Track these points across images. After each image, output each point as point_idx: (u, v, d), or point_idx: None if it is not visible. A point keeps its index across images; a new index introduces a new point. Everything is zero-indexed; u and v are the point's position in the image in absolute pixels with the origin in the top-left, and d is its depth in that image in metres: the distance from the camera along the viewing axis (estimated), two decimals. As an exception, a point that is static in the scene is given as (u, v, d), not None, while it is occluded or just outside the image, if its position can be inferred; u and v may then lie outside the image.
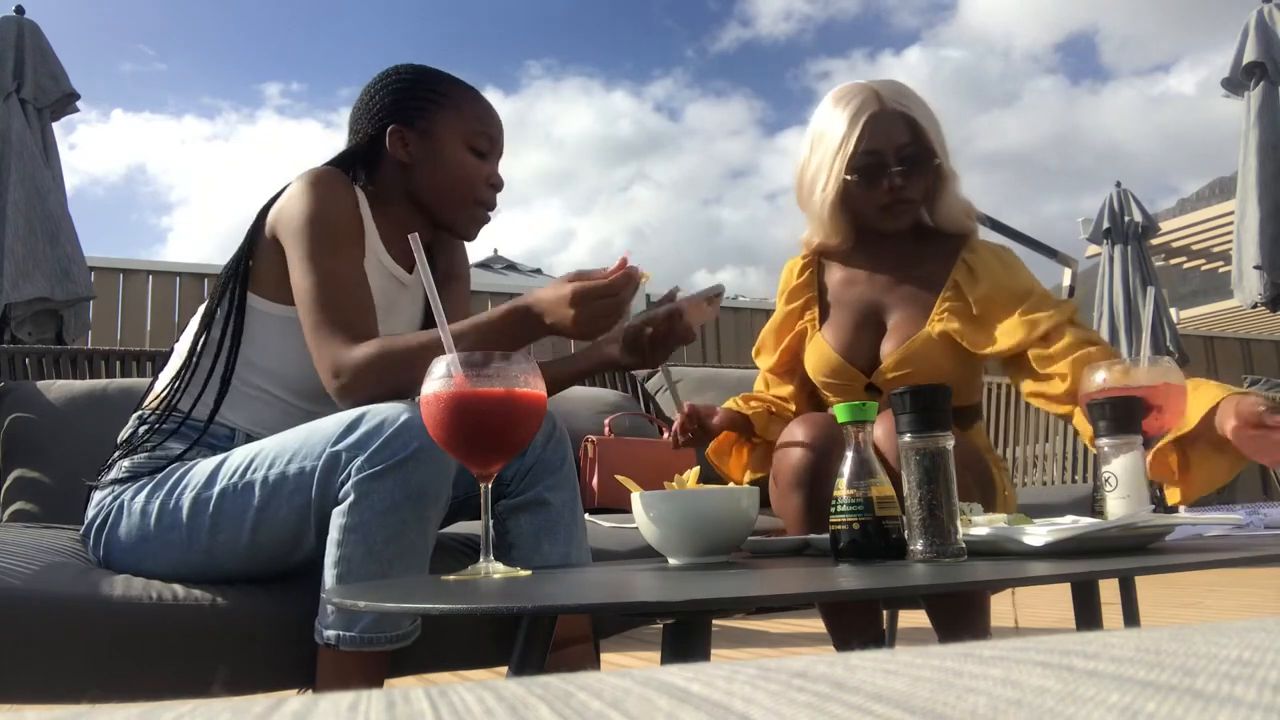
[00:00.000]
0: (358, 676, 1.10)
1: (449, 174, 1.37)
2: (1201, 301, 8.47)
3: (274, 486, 1.13)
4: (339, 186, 1.31)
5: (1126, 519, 0.91)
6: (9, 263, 3.12)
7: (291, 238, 1.27)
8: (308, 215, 1.26)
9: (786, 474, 1.44)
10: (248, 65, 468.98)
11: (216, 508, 1.15)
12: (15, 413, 1.81)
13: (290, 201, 1.29)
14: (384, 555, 1.08)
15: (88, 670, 1.09)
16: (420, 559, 1.11)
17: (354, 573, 1.08)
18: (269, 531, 1.14)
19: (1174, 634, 0.26)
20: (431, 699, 0.23)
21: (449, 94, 1.39)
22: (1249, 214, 4.12)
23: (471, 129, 1.38)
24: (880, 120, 1.54)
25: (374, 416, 1.10)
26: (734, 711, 0.20)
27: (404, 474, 1.07)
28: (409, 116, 1.37)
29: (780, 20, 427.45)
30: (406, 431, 1.08)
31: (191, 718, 0.21)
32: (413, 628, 1.14)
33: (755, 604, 0.69)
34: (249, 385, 1.30)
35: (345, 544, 1.08)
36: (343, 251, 1.27)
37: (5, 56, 3.31)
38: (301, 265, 1.25)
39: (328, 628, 1.11)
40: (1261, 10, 4.18)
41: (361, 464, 1.07)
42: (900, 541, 0.94)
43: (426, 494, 1.09)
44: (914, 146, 1.54)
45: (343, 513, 1.09)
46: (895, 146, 1.54)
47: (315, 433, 1.13)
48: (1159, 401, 1.15)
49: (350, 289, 1.25)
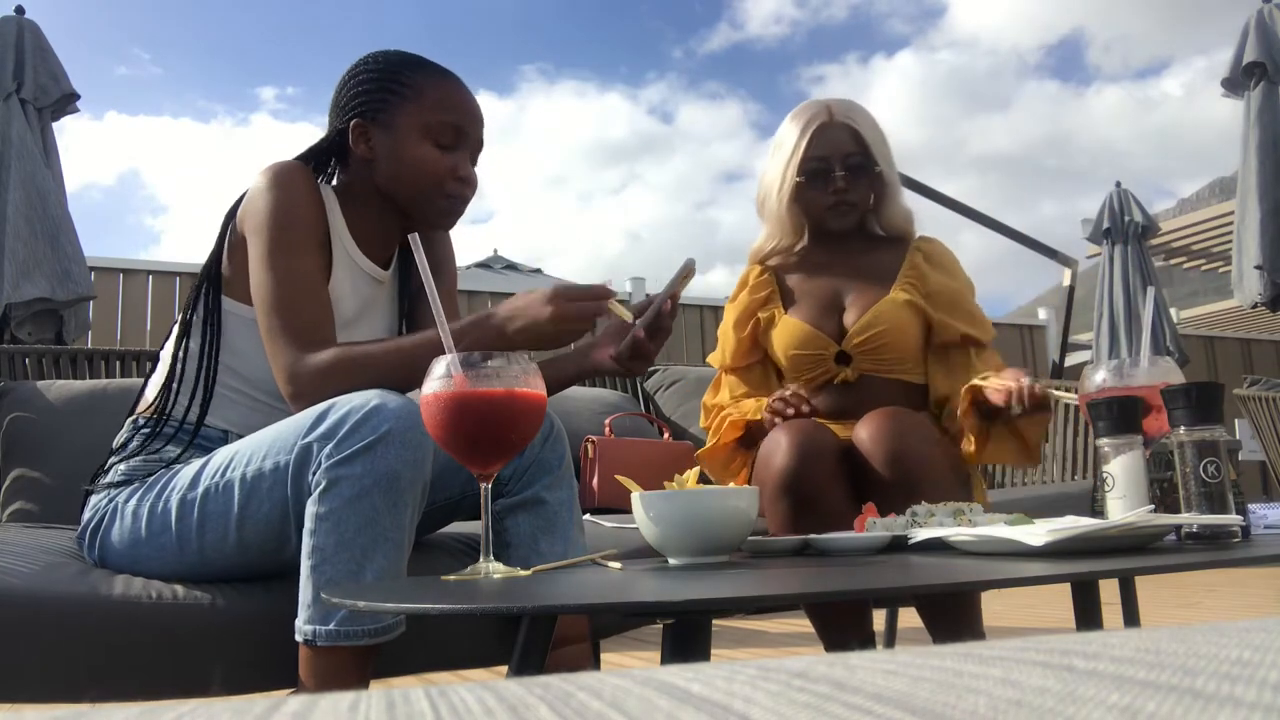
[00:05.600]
0: (338, 673, 1.08)
1: (410, 169, 1.32)
2: (1201, 301, 8.47)
3: (253, 484, 1.12)
4: (300, 183, 1.28)
5: (1126, 519, 0.91)
6: (9, 263, 3.12)
7: (253, 235, 1.25)
8: (268, 212, 1.24)
9: (773, 480, 1.46)
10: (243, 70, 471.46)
11: (201, 508, 1.15)
12: (15, 413, 1.81)
13: (252, 199, 1.27)
14: (356, 544, 1.06)
15: (88, 670, 1.09)
16: (396, 549, 1.09)
17: (328, 562, 1.06)
18: (253, 529, 1.14)
19: (1174, 634, 0.26)
20: (431, 699, 0.23)
21: (412, 84, 1.33)
22: (1249, 214, 4.12)
23: (434, 120, 1.32)
24: (828, 130, 1.74)
25: (342, 405, 1.08)
26: (734, 711, 0.20)
27: (372, 459, 1.05)
28: (371, 110, 1.33)
29: (771, 23, 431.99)
30: (375, 416, 1.06)
31: (191, 718, 0.21)
32: (394, 621, 1.12)
33: (755, 604, 0.69)
34: (230, 389, 1.30)
35: (317, 533, 1.07)
36: (301, 253, 1.24)
37: (5, 57, 3.30)
38: (260, 265, 1.23)
39: (305, 623, 1.09)
40: (1261, 10, 4.18)
41: (330, 451, 1.06)
42: None
43: (398, 479, 1.07)
44: (859, 156, 1.74)
45: (314, 502, 1.07)
46: (841, 154, 1.74)
47: (287, 427, 1.12)
48: (1159, 401, 1.15)
49: (307, 292, 1.23)
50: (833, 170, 1.73)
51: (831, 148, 1.73)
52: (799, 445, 1.45)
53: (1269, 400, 3.54)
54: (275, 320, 1.20)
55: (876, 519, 1.17)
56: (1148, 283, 5.39)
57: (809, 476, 1.44)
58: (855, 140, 1.74)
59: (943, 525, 1.09)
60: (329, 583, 1.06)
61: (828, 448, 1.48)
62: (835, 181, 1.72)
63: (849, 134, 1.74)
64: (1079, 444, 3.12)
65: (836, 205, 1.74)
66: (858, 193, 1.75)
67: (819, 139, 1.73)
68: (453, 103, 1.34)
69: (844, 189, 1.73)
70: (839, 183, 1.72)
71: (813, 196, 1.75)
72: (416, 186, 1.33)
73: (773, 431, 1.51)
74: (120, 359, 2.19)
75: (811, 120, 1.75)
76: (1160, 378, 1.21)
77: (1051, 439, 3.19)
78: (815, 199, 1.75)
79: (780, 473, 1.45)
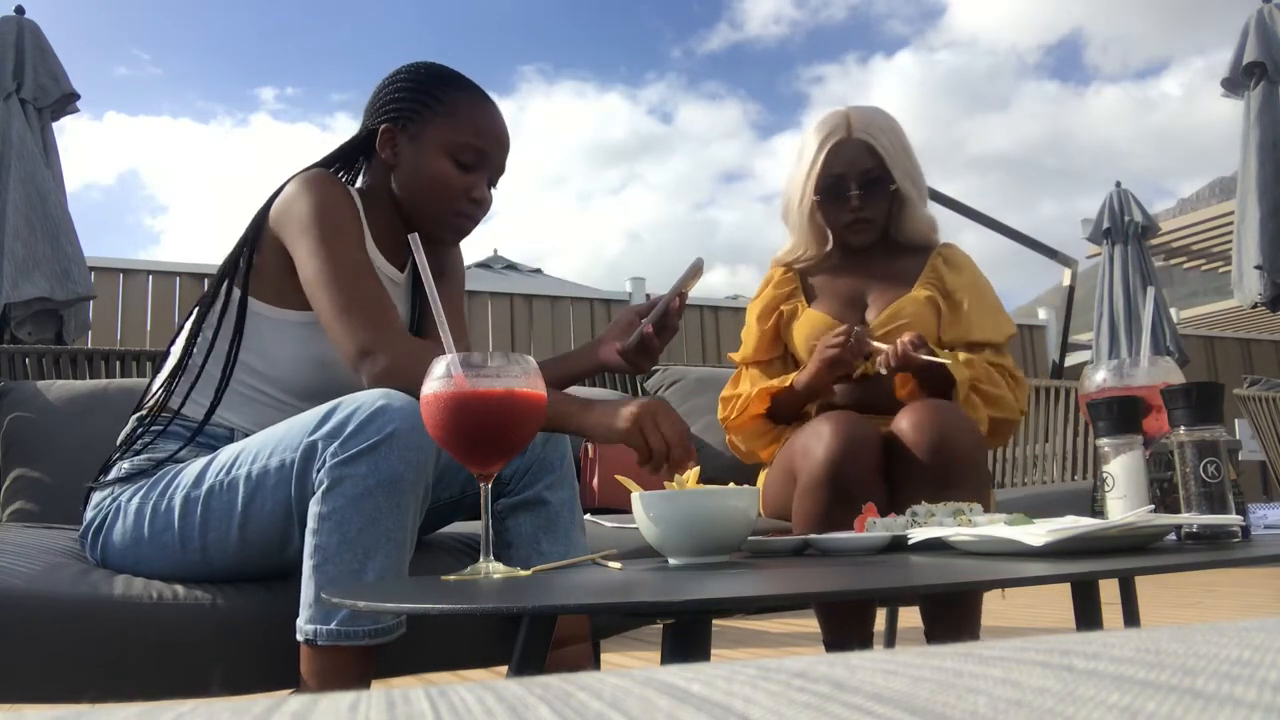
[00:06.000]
0: (339, 673, 1.08)
1: (426, 182, 1.33)
2: (1201, 301, 8.47)
3: (257, 481, 1.12)
4: (336, 187, 1.30)
5: (1126, 519, 0.91)
6: (9, 263, 3.12)
7: (299, 232, 1.25)
8: (313, 209, 1.25)
9: (812, 470, 1.44)
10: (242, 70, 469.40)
11: (205, 506, 1.15)
12: (15, 413, 1.81)
13: (291, 201, 1.28)
14: (359, 544, 1.06)
15: (88, 670, 1.09)
16: (398, 549, 1.09)
17: (330, 562, 1.06)
18: (257, 527, 1.14)
19: (1174, 634, 0.26)
20: (431, 699, 0.23)
21: (447, 101, 1.35)
22: (1249, 214, 4.11)
23: (460, 140, 1.33)
24: (844, 147, 1.74)
25: (348, 405, 1.09)
26: (734, 711, 0.20)
27: (376, 459, 1.05)
28: (403, 118, 1.35)
29: (770, 23, 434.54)
30: (380, 417, 1.06)
31: (192, 717, 0.21)
32: (395, 622, 1.12)
33: (755, 604, 0.69)
34: (247, 386, 1.30)
35: (320, 532, 1.07)
36: (353, 243, 1.26)
37: (5, 57, 3.30)
38: (313, 254, 1.23)
39: (305, 622, 1.09)
40: (1261, 10, 4.17)
41: (335, 450, 1.06)
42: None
43: (401, 481, 1.07)
44: (876, 172, 1.74)
45: (318, 501, 1.07)
46: (858, 172, 1.74)
47: (294, 425, 1.12)
48: (1159, 401, 1.15)
49: (367, 274, 1.24)
50: (849, 188, 1.74)
51: (848, 165, 1.74)
52: (844, 435, 1.43)
53: (1269, 400, 3.54)
54: (339, 299, 1.19)
55: (876, 519, 1.17)
56: (1148, 283, 5.39)
57: (851, 468, 1.43)
58: (872, 156, 1.74)
59: (942, 525, 1.09)
60: (330, 582, 1.06)
61: (870, 440, 1.47)
62: (851, 200, 1.74)
63: (865, 150, 1.74)
64: (1079, 444, 3.12)
65: (854, 223, 1.76)
66: (874, 210, 1.76)
67: (836, 156, 1.74)
68: (482, 127, 1.36)
69: (859, 208, 1.74)
70: (854, 201, 1.74)
71: (830, 212, 1.77)
72: (429, 200, 1.35)
73: (814, 421, 1.51)
74: (120, 359, 2.19)
75: (829, 136, 1.75)
76: (1160, 378, 1.21)
77: (1051, 439, 3.19)
78: (833, 215, 1.77)
79: (822, 463, 1.43)
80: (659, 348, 1.31)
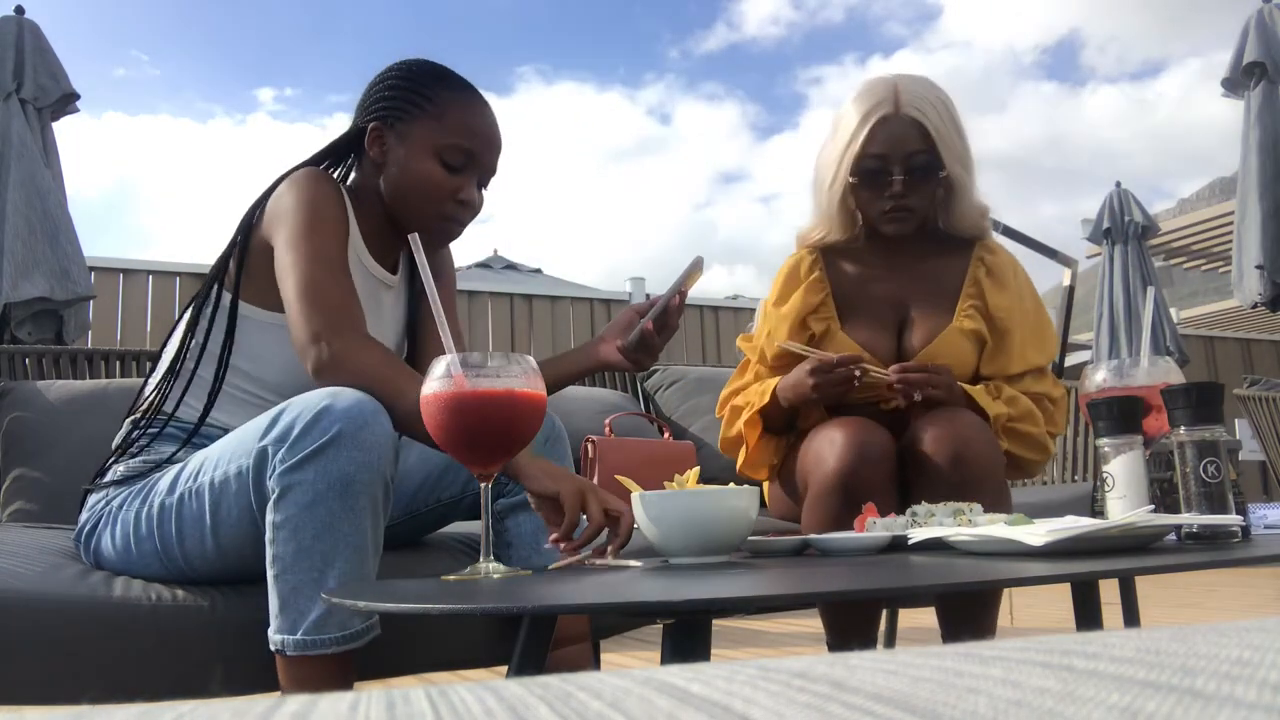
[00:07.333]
0: (315, 681, 1.05)
1: (413, 182, 1.30)
2: (1201, 301, 8.47)
3: (220, 489, 1.10)
4: (326, 184, 1.28)
5: (1126, 519, 0.91)
6: (9, 263, 3.12)
7: (280, 226, 1.23)
8: (297, 204, 1.23)
9: (824, 478, 1.39)
10: (241, 71, 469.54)
11: (178, 515, 1.14)
12: (15, 413, 1.81)
13: (279, 198, 1.26)
14: (315, 551, 1.03)
15: (88, 670, 1.09)
16: (357, 554, 1.05)
17: (289, 571, 1.04)
18: (228, 534, 1.12)
19: (1174, 634, 0.26)
20: (431, 699, 0.23)
21: (437, 100, 1.31)
22: (1249, 214, 4.11)
23: (447, 141, 1.30)
24: (890, 124, 1.52)
25: (294, 407, 1.05)
26: (734, 711, 0.20)
27: (324, 462, 1.02)
28: (392, 116, 1.32)
29: (768, 25, 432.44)
30: (325, 418, 1.02)
31: (192, 718, 0.21)
32: (365, 627, 1.08)
33: (755, 604, 0.69)
34: (240, 389, 1.28)
35: (276, 541, 1.04)
36: (329, 239, 1.23)
37: (5, 57, 3.30)
38: (289, 246, 1.21)
39: (274, 633, 1.06)
40: (1261, 10, 4.17)
41: (283, 455, 1.03)
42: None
43: (353, 483, 1.03)
44: (925, 155, 1.53)
45: (271, 509, 1.05)
46: (904, 154, 1.53)
47: (248, 430, 1.10)
48: (1159, 401, 1.15)
49: (337, 273, 1.21)
50: (891, 172, 1.53)
51: (892, 145, 1.52)
52: (856, 445, 1.37)
53: (1269, 400, 3.54)
54: (301, 285, 1.17)
55: (876, 519, 1.17)
56: (1148, 283, 5.39)
57: (864, 478, 1.36)
58: (922, 137, 1.53)
59: (942, 525, 1.08)
60: (292, 591, 1.04)
61: (885, 448, 1.40)
62: (893, 185, 1.53)
63: (914, 129, 1.52)
64: (1079, 444, 3.12)
65: (893, 211, 1.56)
66: (918, 198, 1.55)
67: (880, 133, 1.53)
68: (471, 128, 1.32)
69: (901, 194, 1.54)
70: (897, 187, 1.53)
71: (866, 198, 1.57)
72: (416, 202, 1.32)
73: (827, 427, 1.43)
74: (120, 359, 2.19)
75: (874, 109, 1.53)
76: (1160, 378, 1.21)
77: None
78: (869, 201, 1.57)
79: (833, 472, 1.37)
80: (659, 345, 1.31)
